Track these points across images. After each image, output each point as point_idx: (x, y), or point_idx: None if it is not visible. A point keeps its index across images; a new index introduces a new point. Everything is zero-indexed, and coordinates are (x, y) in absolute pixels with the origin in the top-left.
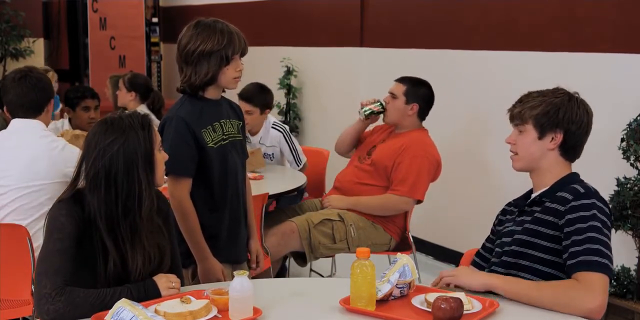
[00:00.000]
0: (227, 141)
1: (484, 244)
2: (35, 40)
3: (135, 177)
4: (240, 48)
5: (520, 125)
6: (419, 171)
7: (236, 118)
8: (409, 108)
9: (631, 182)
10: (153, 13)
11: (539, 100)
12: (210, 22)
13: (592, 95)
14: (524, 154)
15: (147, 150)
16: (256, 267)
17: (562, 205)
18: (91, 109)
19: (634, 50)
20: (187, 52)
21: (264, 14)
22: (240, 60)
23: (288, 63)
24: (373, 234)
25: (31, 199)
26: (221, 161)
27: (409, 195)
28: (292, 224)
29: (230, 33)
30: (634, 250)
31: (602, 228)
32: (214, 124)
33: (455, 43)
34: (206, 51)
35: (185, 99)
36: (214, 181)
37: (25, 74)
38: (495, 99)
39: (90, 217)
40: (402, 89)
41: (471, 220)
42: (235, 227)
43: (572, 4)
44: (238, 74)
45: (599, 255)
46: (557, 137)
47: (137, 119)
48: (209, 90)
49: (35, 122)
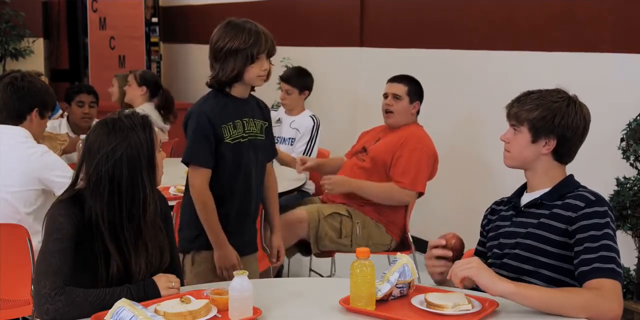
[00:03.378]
0: (246, 139)
1: (477, 249)
2: (35, 40)
3: (139, 181)
4: (267, 48)
5: (515, 126)
6: (418, 164)
7: (261, 118)
8: (412, 107)
9: (631, 182)
10: (153, 13)
11: (536, 103)
12: (240, 21)
13: (591, 95)
14: (516, 155)
15: (150, 153)
16: (276, 262)
17: (574, 211)
18: (85, 104)
19: (633, 50)
20: (215, 49)
21: (263, 13)
22: (267, 60)
23: (288, 63)
24: (376, 233)
25: (5, 205)
26: (234, 158)
27: (411, 187)
28: (303, 213)
29: (258, 33)
30: (633, 250)
31: (614, 236)
32: (235, 121)
33: (455, 43)
34: (233, 49)
35: (211, 94)
36: (224, 176)
37: (10, 81)
38: (495, 99)
39: (90, 220)
40: (405, 90)
41: (471, 220)
42: (241, 221)
43: (571, 4)
44: (263, 73)
45: (615, 263)
46: (550, 143)
47: (137, 119)
48: (235, 88)
49: (16, 129)
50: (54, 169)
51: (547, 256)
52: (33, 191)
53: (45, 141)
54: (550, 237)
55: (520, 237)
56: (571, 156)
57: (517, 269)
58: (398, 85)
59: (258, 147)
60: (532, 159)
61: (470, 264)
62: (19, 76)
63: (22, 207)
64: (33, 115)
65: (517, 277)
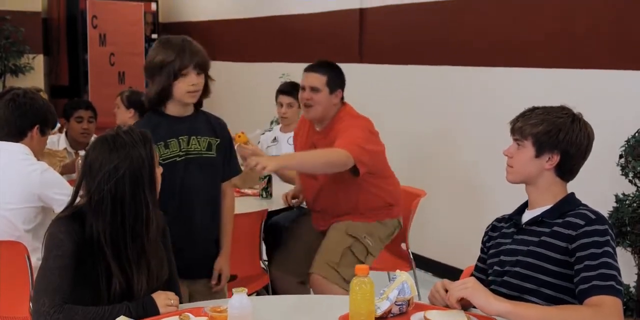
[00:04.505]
0: (184, 158)
1: (477, 265)
2: (35, 56)
3: (142, 199)
4: (193, 62)
5: (519, 140)
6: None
7: (210, 135)
8: (333, 97)
9: (630, 199)
10: (152, 29)
11: (541, 118)
12: (170, 37)
13: (590, 111)
14: (519, 169)
15: (151, 169)
16: (216, 286)
17: (574, 230)
18: (84, 119)
19: (631, 67)
20: (145, 67)
21: (263, 30)
22: (197, 75)
23: (287, 79)
24: (383, 229)
25: (4, 222)
26: (170, 177)
27: (346, 148)
28: (318, 278)
29: (182, 47)
30: (633, 266)
31: (614, 255)
32: (168, 140)
33: (453, 59)
34: (157, 65)
35: (146, 115)
36: (161, 196)
37: (12, 98)
38: (494, 115)
39: (92, 238)
40: (323, 80)
41: (470, 236)
42: (180, 243)
43: (568, 20)
44: (191, 88)
45: (615, 281)
46: (553, 158)
47: (136, 135)
48: (169, 106)
49: (17, 145)
50: (53, 187)
51: (547, 274)
52: (32, 208)
53: (44, 158)
54: (551, 255)
55: (521, 255)
56: (573, 174)
57: (517, 287)
58: (315, 75)
59: (204, 165)
60: (535, 174)
61: (465, 285)
62: (20, 93)
63: (21, 224)
64: (34, 132)
65: (518, 295)
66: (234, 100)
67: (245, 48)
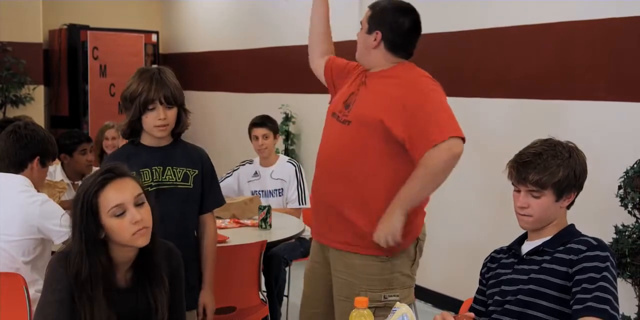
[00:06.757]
0: (156, 188)
1: (476, 297)
2: (35, 87)
3: None
4: (159, 96)
5: (535, 192)
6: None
7: (188, 166)
8: (371, 38)
9: (629, 230)
10: (153, 60)
11: (555, 164)
12: (145, 69)
13: (588, 143)
14: (540, 217)
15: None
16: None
17: (576, 255)
18: (87, 151)
19: (629, 99)
20: (120, 96)
21: (262, 61)
22: (165, 110)
23: (286, 109)
24: (405, 260)
25: (2, 254)
26: None
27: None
28: None
29: (152, 80)
30: (633, 298)
31: (614, 281)
32: (140, 170)
33: (452, 90)
34: (128, 97)
35: (122, 145)
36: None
37: (13, 129)
38: (494, 146)
39: (78, 278)
40: (367, 15)
41: (471, 267)
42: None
43: (566, 52)
44: (160, 122)
45: (610, 306)
46: (572, 195)
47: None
48: (144, 136)
49: (17, 177)
50: (53, 218)
51: (549, 300)
52: (32, 240)
53: (44, 189)
54: (552, 280)
55: (522, 284)
56: (574, 201)
57: (519, 314)
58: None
59: (178, 196)
60: (554, 215)
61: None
62: (22, 125)
63: (20, 256)
64: (34, 164)
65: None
66: (234, 131)
67: (245, 79)
